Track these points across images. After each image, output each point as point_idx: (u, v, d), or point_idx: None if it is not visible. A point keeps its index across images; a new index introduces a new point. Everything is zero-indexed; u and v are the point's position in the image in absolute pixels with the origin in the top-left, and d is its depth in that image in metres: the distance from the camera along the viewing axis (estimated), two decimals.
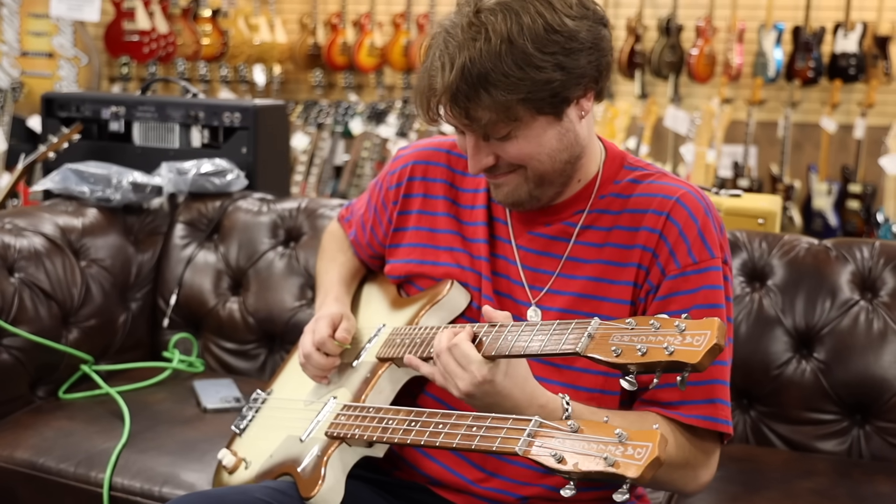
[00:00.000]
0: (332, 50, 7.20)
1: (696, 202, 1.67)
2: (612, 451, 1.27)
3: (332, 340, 1.85)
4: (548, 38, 1.54)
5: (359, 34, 7.17)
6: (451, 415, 1.52)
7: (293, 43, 7.34)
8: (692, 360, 1.28)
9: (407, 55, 7.04)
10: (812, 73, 6.11)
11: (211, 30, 6.71)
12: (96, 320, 2.58)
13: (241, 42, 6.91)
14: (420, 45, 6.87)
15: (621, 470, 1.25)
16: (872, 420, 2.25)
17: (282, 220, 2.74)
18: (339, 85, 7.42)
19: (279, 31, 7.25)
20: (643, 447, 1.26)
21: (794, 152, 6.33)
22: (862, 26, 6.09)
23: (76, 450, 2.17)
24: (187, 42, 6.56)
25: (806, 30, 6.18)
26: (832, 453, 2.26)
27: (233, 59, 6.93)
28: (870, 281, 2.30)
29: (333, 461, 1.69)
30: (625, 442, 1.28)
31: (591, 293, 1.69)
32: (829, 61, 6.16)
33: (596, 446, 1.30)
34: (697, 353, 1.28)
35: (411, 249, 1.90)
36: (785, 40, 6.22)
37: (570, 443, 1.33)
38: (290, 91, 7.51)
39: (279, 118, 3.14)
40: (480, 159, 1.64)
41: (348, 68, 7.26)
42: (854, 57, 6.05)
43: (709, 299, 1.64)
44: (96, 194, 2.72)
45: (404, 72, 7.13)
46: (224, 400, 2.40)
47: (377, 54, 7.13)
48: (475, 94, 1.54)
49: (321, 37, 7.31)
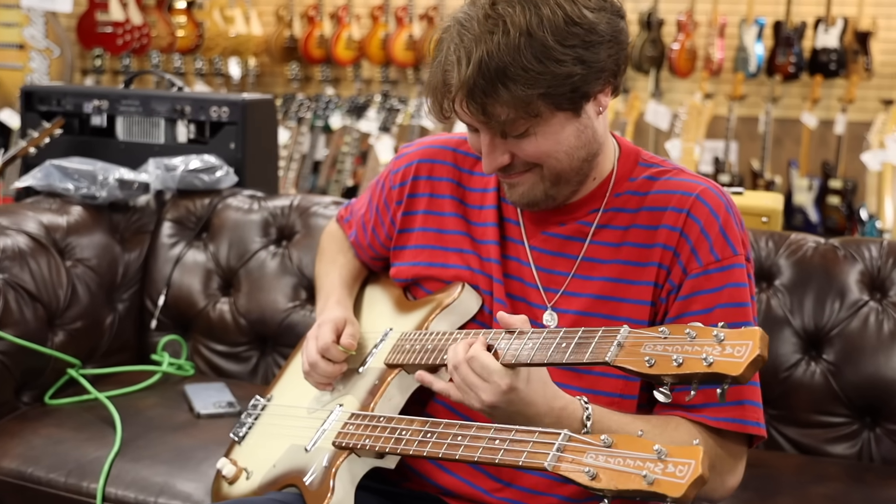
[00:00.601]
0: (308, 43, 7.12)
1: (717, 198, 1.63)
2: (652, 469, 1.22)
3: (336, 347, 1.79)
4: (568, 30, 1.49)
5: (336, 27, 7.09)
6: (470, 426, 1.46)
7: (269, 35, 7.24)
8: (734, 372, 1.23)
9: (385, 48, 6.97)
10: (793, 68, 6.12)
11: (186, 21, 6.61)
12: (82, 322, 2.49)
13: (216, 34, 6.81)
14: (398, 38, 6.87)
15: (663, 489, 1.20)
16: (883, 423, 2.21)
17: (273, 219, 2.66)
18: (316, 78, 7.33)
19: (255, 23, 7.15)
20: (685, 464, 1.20)
21: (775, 148, 6.34)
22: (843, 21, 6.11)
23: (66, 459, 2.09)
24: (162, 34, 6.46)
25: (787, 25, 6.18)
26: (843, 457, 2.22)
27: (208, 51, 6.83)
28: (879, 281, 2.26)
29: (342, 473, 1.63)
30: (664, 458, 1.22)
31: (610, 294, 1.64)
32: (809, 56, 6.19)
33: (633, 462, 1.24)
34: (739, 365, 1.23)
35: (418, 251, 1.84)
36: (766, 35, 6.23)
37: (605, 458, 1.27)
38: (265, 84, 7.42)
39: (267, 113, 3.06)
40: (495, 158, 1.58)
41: (325, 61, 7.18)
42: (835, 52, 6.07)
43: (734, 297, 1.60)
44: (81, 191, 2.63)
45: (382, 65, 7.06)
46: (218, 405, 2.32)
47: (355, 47, 7.06)
48: (493, 90, 1.48)
49: (298, 29, 7.22)
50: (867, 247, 2.30)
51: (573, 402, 1.49)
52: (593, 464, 1.27)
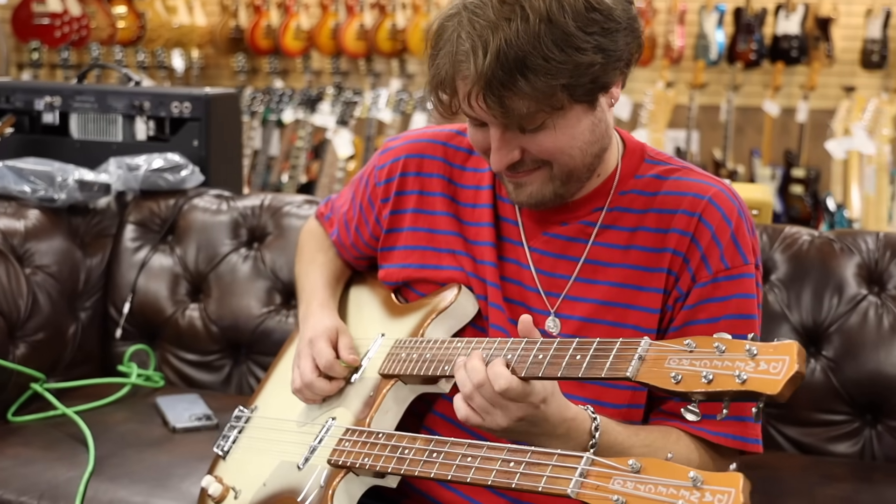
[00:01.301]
0: (255, 33, 6.98)
1: (730, 202, 1.56)
2: (688, 498, 1.14)
3: (339, 363, 1.68)
4: (588, 16, 1.40)
5: (284, 16, 6.96)
6: (480, 446, 1.38)
7: (213, 26, 7.09)
8: (771, 391, 1.16)
9: (336, 38, 6.85)
10: (754, 55, 6.15)
11: (126, 12, 6.44)
12: (44, 333, 2.35)
13: (158, 25, 6.65)
14: (349, 27, 6.73)
15: None
16: (885, 420, 2.17)
17: (243, 219, 2.55)
18: (264, 70, 7.19)
19: (198, 13, 7.00)
20: (725, 493, 1.12)
21: (737, 136, 6.36)
22: (804, 7, 6.15)
23: (38, 480, 1.97)
24: (102, 25, 6.28)
25: (747, 11, 6.21)
26: (845, 455, 2.18)
27: (150, 43, 6.67)
28: (876, 274, 2.22)
29: (339, 494, 1.54)
30: (701, 487, 1.14)
31: (616, 300, 1.56)
32: (770, 43, 6.22)
33: (666, 490, 1.16)
34: (777, 383, 1.16)
35: (408, 253, 1.75)
36: (726, 22, 6.25)
37: (633, 485, 1.19)
38: (210, 77, 7.27)
39: (231, 108, 2.94)
40: (506, 154, 1.48)
41: (273, 52, 7.04)
42: (796, 39, 6.11)
43: (741, 309, 1.53)
44: (38, 194, 2.48)
45: (333, 56, 6.93)
46: (194, 418, 2.21)
47: (304, 37, 6.93)
48: (512, 82, 1.38)
49: (243, 19, 7.07)
50: (863, 239, 2.25)
51: (581, 411, 1.42)
52: (621, 490, 1.19)
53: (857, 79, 6.26)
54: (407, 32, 6.73)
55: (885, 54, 6.06)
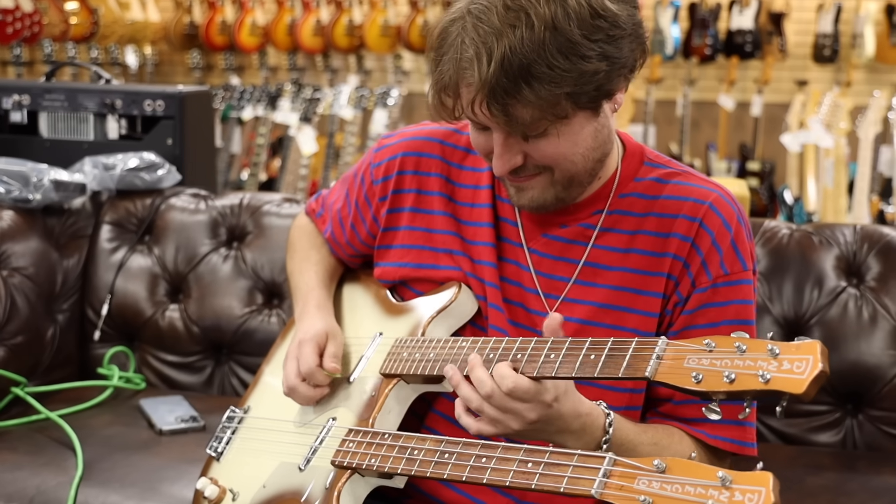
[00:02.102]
0: (210, 29, 6.93)
1: (730, 208, 1.57)
2: (717, 497, 1.15)
3: (321, 371, 1.67)
4: (593, 23, 1.39)
5: (239, 12, 6.91)
6: (496, 447, 1.38)
7: (167, 22, 7.01)
8: (796, 391, 1.17)
9: (292, 34, 6.82)
10: (709, 50, 6.23)
11: (79, 8, 6.34)
12: (23, 337, 2.32)
13: (112, 21, 6.56)
14: (306, 23, 6.70)
15: None
16: (866, 409, 2.21)
17: (223, 219, 2.53)
18: (219, 66, 7.14)
19: (151, 9, 6.92)
20: (755, 492, 1.13)
21: (693, 131, 6.45)
22: (757, 2, 6.24)
23: (26, 486, 1.95)
24: (54, 21, 6.18)
25: (702, 6, 6.29)
26: (828, 445, 2.21)
27: (104, 39, 6.58)
28: (855, 266, 2.26)
29: (345, 496, 1.53)
30: (730, 486, 1.14)
31: (615, 303, 1.57)
32: (725, 38, 6.30)
33: (694, 490, 1.17)
34: (802, 382, 1.17)
35: (405, 252, 1.74)
36: (681, 17, 6.33)
37: (659, 485, 1.19)
38: (164, 74, 7.20)
39: (205, 106, 2.91)
40: (509, 159, 1.48)
41: (228, 49, 6.99)
42: (750, 34, 6.20)
43: (740, 315, 1.55)
44: (13, 194, 2.44)
45: (289, 52, 6.89)
46: (180, 420, 2.19)
47: (259, 33, 6.89)
48: (516, 89, 1.38)
49: (198, 15, 7.00)
50: (841, 232, 2.29)
51: (595, 407, 1.43)
52: (647, 491, 1.19)
53: (809, 73, 6.38)
54: (364, 28, 6.71)
55: (837, 49, 6.18)
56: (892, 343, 2.18)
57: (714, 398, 1.23)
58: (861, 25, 6.14)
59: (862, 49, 6.14)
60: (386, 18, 6.71)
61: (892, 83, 6.26)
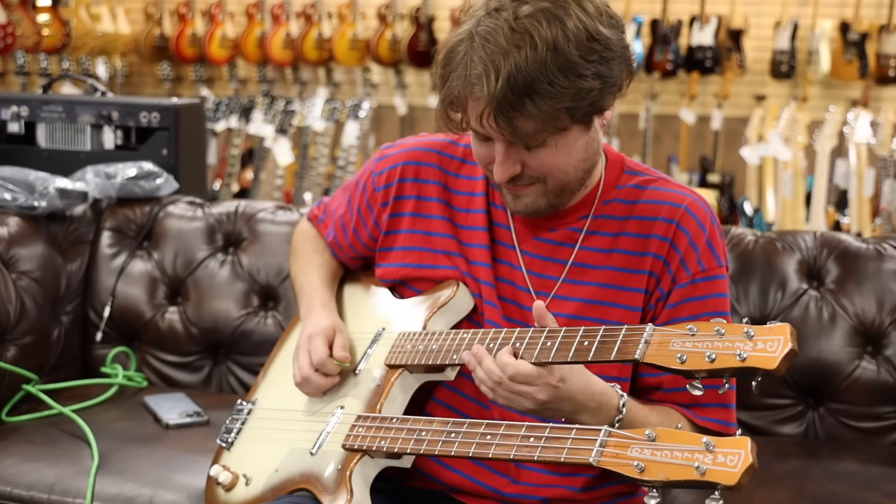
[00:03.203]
0: (180, 41, 7.00)
1: (703, 210, 1.71)
2: (703, 460, 1.29)
3: (332, 361, 1.79)
4: (589, 45, 1.53)
5: (209, 25, 6.98)
6: (499, 425, 1.51)
7: (138, 34, 7.07)
8: (770, 367, 1.31)
9: (262, 47, 6.91)
10: (671, 65, 6.35)
11: (51, 19, 6.39)
12: (32, 337, 2.42)
13: (83, 33, 6.63)
14: (276, 36, 6.81)
15: (716, 478, 1.27)
16: (826, 402, 2.35)
17: (219, 225, 2.64)
18: (189, 78, 7.21)
19: (122, 21, 6.98)
20: (735, 454, 1.28)
21: (655, 144, 6.56)
22: (716, 19, 6.37)
23: (45, 475, 2.05)
24: (27, 33, 6.23)
25: (664, 23, 6.41)
26: (791, 436, 2.36)
27: (76, 50, 6.64)
28: (815, 270, 2.40)
29: (356, 475, 1.65)
30: (713, 450, 1.29)
31: (601, 299, 1.70)
32: (686, 54, 6.42)
33: (682, 455, 1.31)
34: (774, 359, 1.31)
35: (406, 253, 1.87)
36: (644, 33, 6.44)
37: (651, 451, 1.33)
38: (134, 85, 7.27)
39: (197, 118, 3.02)
40: (509, 167, 1.61)
41: (199, 61, 7.06)
42: (710, 49, 6.33)
43: (717, 307, 1.69)
44: (18, 202, 2.54)
45: (259, 64, 6.99)
46: (185, 414, 2.30)
47: (230, 46, 6.98)
48: (520, 104, 1.51)
49: (168, 27, 7.08)
50: (802, 238, 2.44)
51: (609, 388, 1.56)
52: (640, 457, 1.33)
53: (767, 88, 6.52)
54: (333, 42, 6.81)
55: (794, 64, 6.33)
56: (850, 341, 2.33)
57: (697, 376, 1.36)
58: (816, 42, 6.29)
59: (817, 65, 6.29)
60: (355, 32, 6.82)
61: (847, 98, 6.42)
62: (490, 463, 1.73)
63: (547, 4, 1.53)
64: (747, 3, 6.49)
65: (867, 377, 2.31)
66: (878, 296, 2.34)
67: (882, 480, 2.12)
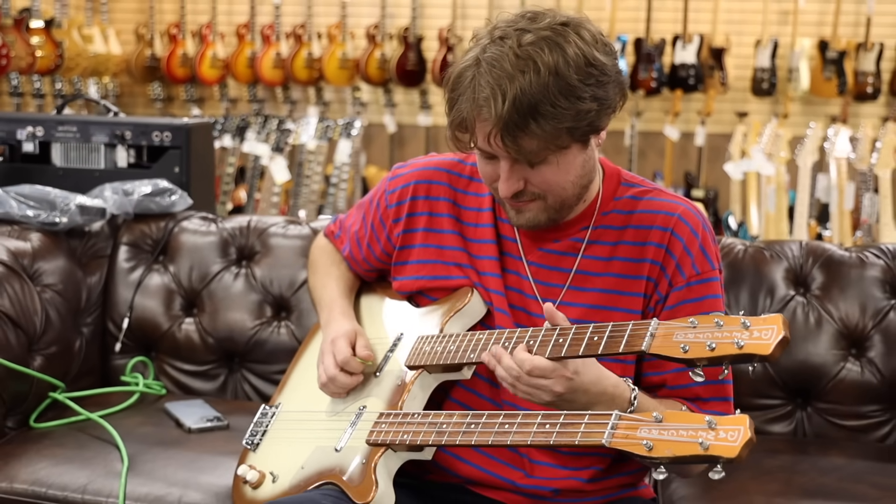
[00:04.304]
0: (171, 62, 7.09)
1: (696, 218, 1.83)
2: (706, 437, 1.40)
3: (355, 359, 1.90)
4: (587, 70, 1.64)
5: (200, 45, 7.08)
6: (516, 415, 1.62)
7: (129, 54, 7.17)
8: (765, 353, 1.42)
9: (252, 67, 7.01)
10: (654, 83, 6.46)
11: (44, 41, 6.48)
12: (56, 347, 2.52)
13: (76, 54, 6.70)
14: (266, 56, 6.92)
15: (718, 452, 1.38)
16: (813, 402, 2.48)
17: (232, 239, 2.75)
18: (180, 98, 7.31)
19: (113, 42, 7.06)
20: (735, 430, 1.39)
21: (640, 160, 6.67)
22: (699, 38, 6.49)
23: (77, 475, 2.15)
24: (21, 54, 6.30)
25: (647, 42, 6.52)
26: (781, 434, 2.47)
27: (68, 71, 6.71)
28: (802, 277, 2.52)
29: (380, 468, 1.75)
30: (715, 427, 1.40)
31: (604, 304, 1.81)
32: (669, 72, 6.53)
33: (686, 433, 1.42)
34: (769, 346, 1.42)
35: (420, 266, 1.97)
36: (628, 52, 6.55)
37: (658, 431, 1.44)
38: (125, 105, 7.34)
39: (207, 137, 3.13)
40: (513, 183, 1.71)
41: (189, 81, 7.16)
42: (693, 68, 6.44)
43: (713, 307, 1.80)
44: (40, 218, 2.65)
45: (250, 84, 7.09)
46: (205, 419, 2.40)
47: (220, 66, 7.07)
48: (525, 124, 1.62)
49: (159, 48, 7.17)
50: (789, 247, 2.56)
51: (621, 381, 1.67)
52: (649, 437, 1.44)
53: (748, 105, 6.64)
54: (323, 61, 6.93)
55: (774, 82, 6.45)
56: (835, 344, 2.45)
57: (698, 364, 1.47)
58: (796, 60, 6.42)
59: (798, 83, 6.43)
60: (344, 52, 6.94)
61: (827, 115, 6.57)
62: (505, 457, 1.84)
63: (548, 33, 1.64)
64: (729, 23, 6.62)
65: (852, 378, 2.43)
66: (861, 301, 2.46)
67: (868, 473, 2.23)
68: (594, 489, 1.84)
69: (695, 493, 2.16)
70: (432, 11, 6.98)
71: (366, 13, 7.05)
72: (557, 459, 1.83)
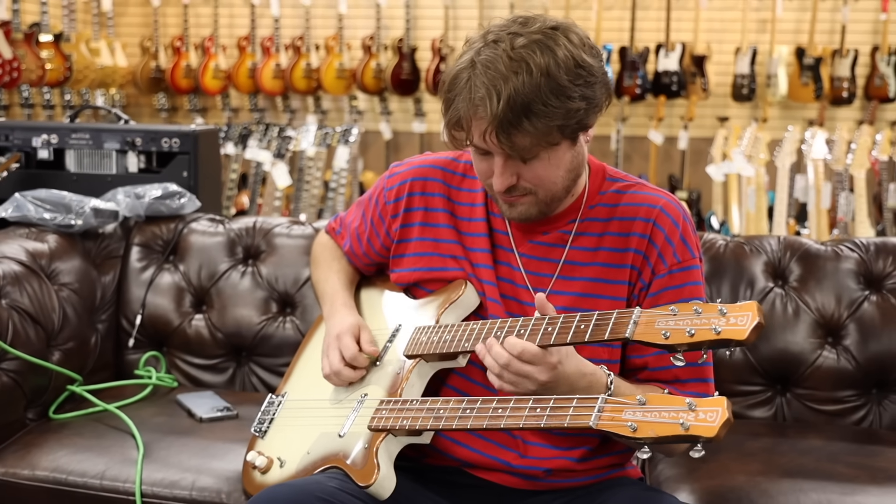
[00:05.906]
0: (175, 73, 7.22)
1: (676, 210, 1.93)
2: (686, 418, 1.46)
3: (362, 355, 1.99)
4: (576, 71, 1.73)
5: (203, 57, 7.21)
6: (509, 399, 1.69)
7: (135, 66, 7.30)
8: (741, 338, 1.48)
9: (253, 77, 7.13)
10: (639, 89, 6.56)
11: (54, 54, 6.61)
12: (74, 343, 2.63)
13: (84, 66, 6.83)
14: (266, 67, 7.06)
15: (698, 432, 1.45)
16: (792, 388, 2.58)
17: (239, 239, 2.86)
18: (184, 108, 7.44)
19: (119, 54, 7.19)
20: (714, 411, 1.46)
21: (626, 163, 6.77)
22: (681, 46, 6.61)
23: (96, 463, 2.25)
24: (31, 67, 6.42)
25: (631, 50, 6.64)
26: (762, 419, 2.58)
27: (76, 83, 6.83)
28: (780, 270, 2.63)
29: (382, 452, 1.83)
30: (694, 409, 1.47)
31: (591, 292, 1.91)
32: (653, 79, 6.64)
33: (668, 414, 1.48)
34: (744, 331, 1.47)
35: (417, 258, 2.07)
36: (613, 60, 6.67)
37: (642, 413, 1.51)
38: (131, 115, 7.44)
39: (213, 143, 3.26)
40: (507, 178, 1.80)
41: (193, 91, 7.28)
42: (675, 74, 6.55)
43: (693, 293, 1.89)
44: (56, 220, 2.77)
45: (251, 94, 7.22)
46: (216, 409, 2.50)
47: (222, 77, 7.20)
48: (518, 122, 1.70)
49: (164, 60, 7.30)
50: (767, 242, 2.67)
51: (598, 369, 1.76)
52: (633, 419, 1.51)
53: (729, 110, 6.76)
54: (321, 72, 7.06)
55: (754, 88, 6.57)
56: (812, 333, 2.55)
57: (679, 349, 1.52)
58: (775, 67, 6.55)
59: (776, 88, 6.54)
60: (341, 62, 7.06)
61: (804, 118, 6.69)
62: (499, 439, 1.92)
63: (539, 37, 1.73)
64: (710, 31, 6.74)
65: (828, 365, 2.54)
66: (837, 292, 2.57)
67: (844, 454, 2.32)
68: (584, 468, 1.93)
69: (680, 473, 2.24)
70: (425, 23, 7.12)
71: (362, 25, 7.19)
72: (550, 440, 1.91)
